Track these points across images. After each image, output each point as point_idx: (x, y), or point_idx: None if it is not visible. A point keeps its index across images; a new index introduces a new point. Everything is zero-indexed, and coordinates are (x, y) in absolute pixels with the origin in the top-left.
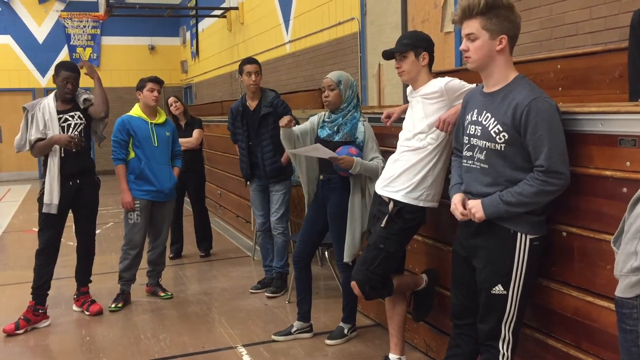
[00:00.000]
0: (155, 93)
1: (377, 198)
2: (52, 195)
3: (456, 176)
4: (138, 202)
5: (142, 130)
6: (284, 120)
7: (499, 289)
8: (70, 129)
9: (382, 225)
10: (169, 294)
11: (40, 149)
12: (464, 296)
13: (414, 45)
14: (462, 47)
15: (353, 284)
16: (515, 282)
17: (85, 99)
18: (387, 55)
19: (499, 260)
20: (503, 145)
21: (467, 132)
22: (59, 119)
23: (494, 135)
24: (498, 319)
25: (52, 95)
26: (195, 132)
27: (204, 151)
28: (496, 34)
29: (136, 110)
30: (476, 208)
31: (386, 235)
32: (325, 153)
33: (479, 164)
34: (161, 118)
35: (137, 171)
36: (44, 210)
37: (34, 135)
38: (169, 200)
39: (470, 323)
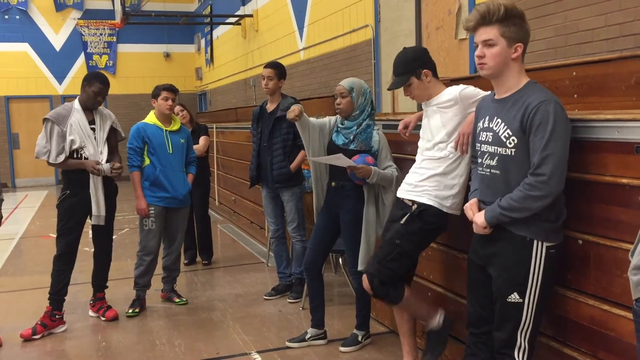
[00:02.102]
0: (170, 102)
1: (400, 203)
2: (100, 208)
3: (475, 183)
4: (153, 208)
5: (156, 137)
6: (292, 113)
7: (514, 297)
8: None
9: (402, 222)
10: (184, 300)
11: (68, 166)
12: (479, 304)
13: (411, 70)
14: (478, 53)
15: (364, 277)
16: (531, 290)
17: (118, 132)
18: (395, 86)
19: (515, 268)
20: (513, 150)
21: (479, 139)
22: None
23: (504, 140)
24: (514, 327)
25: (77, 106)
26: (202, 140)
27: (219, 158)
28: (513, 41)
29: (151, 118)
30: (477, 215)
31: (404, 232)
32: (345, 162)
33: (489, 170)
34: (176, 125)
35: (151, 178)
36: (92, 222)
37: (67, 152)
38: (184, 206)
39: (486, 331)
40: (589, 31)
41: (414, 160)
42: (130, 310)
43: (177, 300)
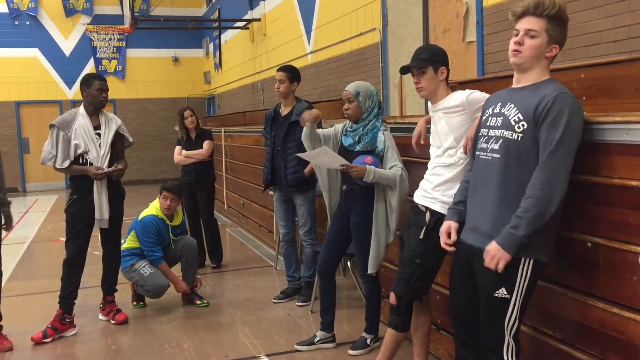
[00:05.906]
0: (168, 201)
1: (414, 208)
2: (102, 211)
3: (460, 194)
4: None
5: (163, 234)
6: (309, 115)
7: (502, 292)
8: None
9: (421, 237)
10: (205, 302)
11: (72, 171)
12: (463, 300)
13: (433, 60)
14: (518, 39)
15: (391, 294)
16: (519, 285)
17: (125, 137)
18: (405, 70)
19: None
20: (520, 135)
21: (487, 124)
22: None
23: (513, 123)
24: (500, 323)
25: (82, 112)
26: (206, 144)
27: (227, 162)
28: (552, 41)
29: (158, 211)
30: (497, 254)
31: (423, 250)
32: (336, 160)
33: (491, 154)
34: (178, 220)
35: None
36: (96, 226)
37: (72, 157)
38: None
39: (470, 330)
40: (597, 33)
41: (421, 164)
42: (141, 303)
43: (199, 302)
